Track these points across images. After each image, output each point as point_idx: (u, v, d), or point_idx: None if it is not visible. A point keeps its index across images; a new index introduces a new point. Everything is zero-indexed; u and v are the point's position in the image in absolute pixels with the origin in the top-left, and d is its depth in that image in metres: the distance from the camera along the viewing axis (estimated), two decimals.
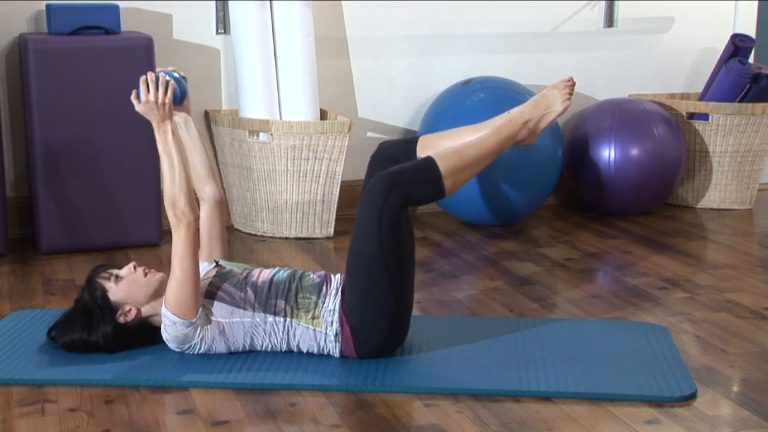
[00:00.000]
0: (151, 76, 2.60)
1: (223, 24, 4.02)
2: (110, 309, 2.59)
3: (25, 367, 2.56)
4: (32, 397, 2.41)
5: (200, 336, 2.56)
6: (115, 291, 2.61)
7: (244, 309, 2.57)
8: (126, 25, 3.86)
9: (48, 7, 3.64)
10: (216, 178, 2.85)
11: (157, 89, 2.58)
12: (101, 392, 2.44)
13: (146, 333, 2.64)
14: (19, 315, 2.96)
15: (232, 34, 3.94)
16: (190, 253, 2.50)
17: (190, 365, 2.56)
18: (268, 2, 3.87)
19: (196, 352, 2.59)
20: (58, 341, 2.63)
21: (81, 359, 2.60)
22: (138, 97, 2.60)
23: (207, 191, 2.83)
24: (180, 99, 2.73)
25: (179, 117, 2.79)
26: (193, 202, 2.54)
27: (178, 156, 2.56)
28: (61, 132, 3.57)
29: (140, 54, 3.60)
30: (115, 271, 2.65)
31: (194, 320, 2.53)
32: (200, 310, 2.54)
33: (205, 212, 2.83)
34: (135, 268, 2.65)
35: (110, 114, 3.60)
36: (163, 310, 2.54)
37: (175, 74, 2.72)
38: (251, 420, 2.29)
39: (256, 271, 2.68)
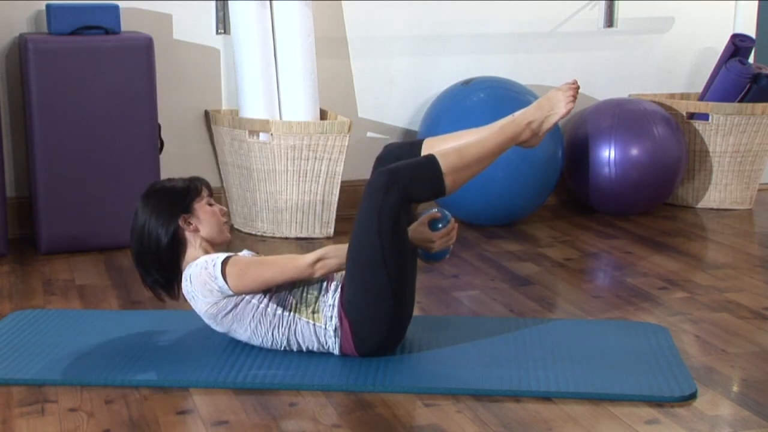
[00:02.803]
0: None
1: (223, 24, 4.02)
2: (186, 208, 2.65)
3: (25, 367, 2.56)
4: (32, 397, 2.41)
5: (218, 301, 2.58)
6: (201, 205, 2.69)
7: (263, 294, 2.60)
8: (126, 25, 3.86)
9: (48, 7, 3.64)
10: None
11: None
12: (101, 392, 2.44)
13: (170, 259, 2.64)
14: (19, 315, 2.96)
15: (232, 34, 3.94)
16: (288, 278, 2.58)
17: (190, 365, 2.56)
18: (268, 2, 3.87)
19: (200, 310, 2.62)
20: (145, 199, 2.66)
21: (81, 359, 2.60)
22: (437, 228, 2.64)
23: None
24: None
25: None
26: (330, 272, 2.61)
27: None
28: (61, 132, 3.57)
29: (140, 54, 3.60)
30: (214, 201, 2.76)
31: (231, 292, 2.56)
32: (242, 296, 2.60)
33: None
34: (224, 214, 2.73)
35: (110, 114, 3.60)
36: (219, 264, 2.55)
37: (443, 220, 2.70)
38: (251, 420, 2.29)
39: None
